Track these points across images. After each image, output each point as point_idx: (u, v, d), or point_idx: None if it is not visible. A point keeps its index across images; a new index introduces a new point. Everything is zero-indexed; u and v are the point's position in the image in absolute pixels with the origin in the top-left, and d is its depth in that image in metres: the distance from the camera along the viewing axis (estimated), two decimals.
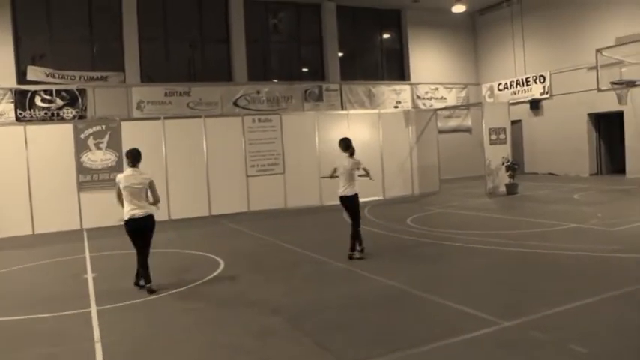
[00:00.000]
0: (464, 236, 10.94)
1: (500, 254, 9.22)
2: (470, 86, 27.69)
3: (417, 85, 26.13)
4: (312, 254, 9.97)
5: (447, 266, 8.71)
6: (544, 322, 5.71)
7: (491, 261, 8.83)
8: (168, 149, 16.16)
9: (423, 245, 10.44)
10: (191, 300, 7.51)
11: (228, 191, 16.76)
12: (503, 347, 5.17)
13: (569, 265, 8.18)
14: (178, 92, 21.08)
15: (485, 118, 18.46)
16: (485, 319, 5.90)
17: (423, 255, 9.63)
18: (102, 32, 20.79)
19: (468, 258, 9.15)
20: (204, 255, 10.67)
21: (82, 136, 15.47)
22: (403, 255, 9.71)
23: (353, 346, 5.44)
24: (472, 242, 10.29)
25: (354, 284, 7.86)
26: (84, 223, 15.16)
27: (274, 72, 23.88)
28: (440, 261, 9.12)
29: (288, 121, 17.92)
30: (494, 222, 12.90)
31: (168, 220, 15.75)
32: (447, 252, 9.76)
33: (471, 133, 26.86)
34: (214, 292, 7.88)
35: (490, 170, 18.19)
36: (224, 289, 8.04)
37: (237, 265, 9.61)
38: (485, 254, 9.32)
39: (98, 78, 20.14)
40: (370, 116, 19.42)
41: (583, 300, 6.33)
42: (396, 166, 19.20)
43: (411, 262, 9.10)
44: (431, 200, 17.95)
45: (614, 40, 19.66)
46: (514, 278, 7.66)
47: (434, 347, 5.27)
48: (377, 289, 7.49)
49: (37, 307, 7.47)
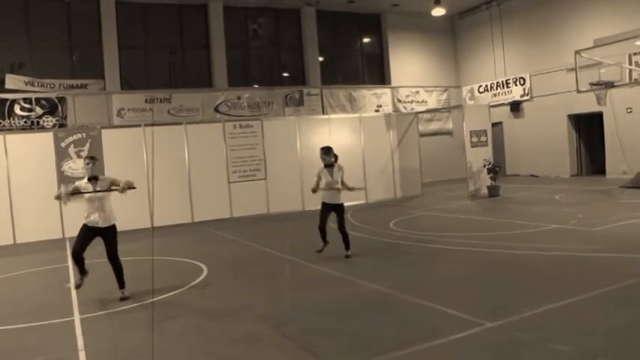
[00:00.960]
0: (446, 238, 11.01)
1: (482, 256, 9.30)
2: (450, 89, 27.91)
3: (397, 88, 26.28)
4: (295, 259, 9.97)
5: (430, 269, 8.76)
6: (527, 323, 5.77)
7: (474, 263, 8.90)
8: (149, 156, 16.07)
9: (406, 248, 10.49)
10: (175, 307, 7.47)
11: (211, 197, 16.72)
12: (487, 348, 5.22)
13: (551, 266, 8.27)
14: (159, 99, 21.01)
15: (466, 120, 18.61)
16: (468, 320, 5.95)
17: (405, 258, 9.68)
18: (81, 40, 20.68)
19: (451, 260, 9.21)
20: (188, 262, 10.63)
21: (63, 144, 15.36)
22: (386, 258, 9.75)
23: (338, 351, 5.46)
24: (454, 244, 10.36)
25: (338, 288, 7.88)
26: (66, 231, 15.01)
27: (255, 77, 23.90)
28: (422, 263, 9.16)
29: (269, 126, 17.92)
30: (476, 224, 12.99)
31: (150, 228, 15.67)
32: (430, 254, 9.80)
33: (452, 136, 27.06)
34: (198, 299, 7.85)
35: (472, 173, 18.33)
36: (208, 296, 8.02)
37: (220, 272, 9.58)
38: (468, 256, 9.39)
39: (78, 86, 20.03)
40: (351, 120, 19.49)
41: (565, 300, 6.41)
42: (378, 169, 19.28)
43: (393, 266, 9.14)
44: (413, 203, 18.03)
45: (592, 42, 19.93)
46: (497, 280, 7.74)
47: (418, 350, 5.30)
48: (360, 293, 7.51)
49: (20, 317, 7.39)
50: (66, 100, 19.49)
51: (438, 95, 27.49)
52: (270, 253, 11.08)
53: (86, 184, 7.96)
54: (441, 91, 27.65)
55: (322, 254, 10.04)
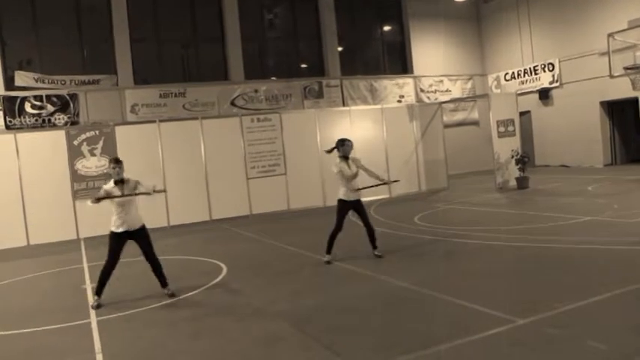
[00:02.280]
0: (474, 233, 10.97)
1: (512, 250, 9.25)
2: (475, 77, 27.72)
3: (420, 78, 26.16)
4: (317, 256, 10.00)
5: (458, 264, 8.74)
6: (560, 319, 5.73)
7: (504, 257, 8.86)
8: (164, 153, 16.21)
9: (432, 243, 10.47)
10: (194, 308, 7.55)
11: (229, 194, 16.80)
12: (519, 346, 5.20)
13: (585, 260, 8.20)
14: (173, 94, 21.15)
15: (492, 110, 18.48)
16: (498, 317, 5.93)
17: (432, 253, 9.66)
18: (91, 34, 20.87)
19: (479, 255, 9.17)
20: (206, 261, 10.72)
21: (75, 142, 15.54)
22: (412, 254, 9.74)
23: (363, 349, 5.48)
24: (483, 239, 10.31)
25: (362, 286, 7.90)
26: (80, 232, 15.21)
27: (272, 69, 23.94)
28: (450, 259, 9.15)
29: (288, 119, 17.96)
30: (505, 217, 12.93)
31: (167, 227, 15.82)
32: (457, 249, 9.78)
33: (478, 126, 26.88)
34: (218, 299, 7.92)
35: (499, 164, 18.22)
36: (228, 295, 8.09)
37: (240, 270, 9.64)
38: (497, 251, 9.35)
39: (90, 82, 20.22)
40: (373, 112, 19.46)
41: (600, 295, 6.35)
42: (401, 162, 19.24)
43: (420, 262, 9.13)
44: (439, 196, 17.99)
45: (626, 24, 19.62)
46: (527, 275, 7.69)
47: (447, 348, 5.30)
48: (386, 290, 7.52)
49: (36, 320, 7.51)
50: (78, 96, 19.70)
51: (462, 84, 27.32)
52: (291, 250, 11.12)
53: (113, 187, 8.02)
54: (466, 79, 27.47)
55: (345, 251, 10.02)
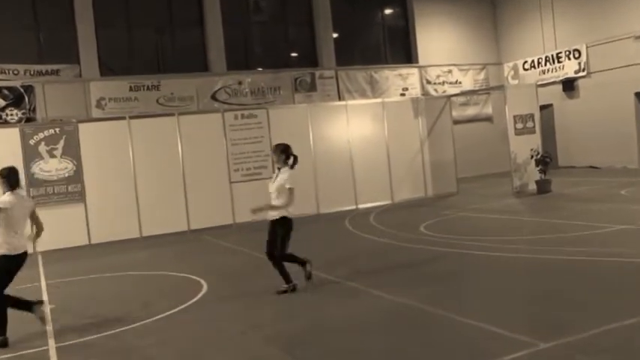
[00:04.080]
0: (488, 244, 10.93)
1: (532, 263, 9.21)
2: (489, 67, 27.72)
3: (426, 68, 26.15)
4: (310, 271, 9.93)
5: (470, 279, 8.70)
6: (589, 343, 5.67)
7: (522, 272, 8.82)
8: (136, 154, 16.11)
9: (440, 256, 10.43)
10: (169, 330, 7.47)
11: (210, 201, 16.69)
12: None
13: (617, 275, 8.16)
14: (146, 86, 21.06)
15: (508, 103, 18.45)
16: (518, 340, 5.87)
17: (439, 267, 9.61)
18: (49, 18, 20.68)
19: (495, 269, 9.14)
20: (184, 276, 10.64)
21: (32, 141, 15.39)
22: (417, 268, 9.69)
23: None
24: (498, 250, 10.27)
25: (360, 303, 7.85)
26: (37, 245, 15.04)
27: (258, 59, 23.91)
28: (461, 274, 9.10)
29: (276, 115, 17.89)
30: (523, 226, 12.91)
31: (140, 238, 15.72)
32: (469, 263, 9.75)
33: (492, 122, 26.89)
34: (196, 320, 7.84)
35: (517, 165, 18.19)
36: (208, 316, 8.01)
37: (222, 287, 9.58)
38: (515, 264, 9.32)
39: (48, 72, 20.06)
40: (372, 107, 19.42)
41: (635, 316, 6.29)
42: (404, 164, 19.17)
43: (426, 276, 9.08)
44: (447, 203, 17.96)
45: None
46: (551, 292, 7.63)
47: None
48: (388, 309, 7.47)
49: None
50: (33, 89, 19.52)
51: (474, 74, 27.33)
52: None
53: None
54: (478, 69, 27.48)
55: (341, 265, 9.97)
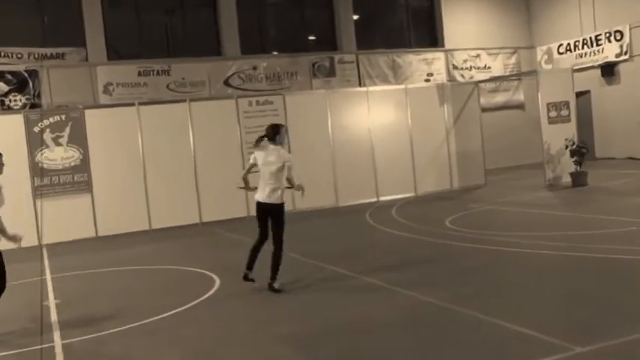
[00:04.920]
0: (518, 240, 10.87)
1: (566, 261, 9.16)
2: (521, 51, 27.53)
3: (452, 52, 26.04)
4: (327, 266, 9.96)
5: (498, 277, 8.66)
6: (629, 348, 5.62)
7: (555, 270, 8.77)
8: (145, 142, 16.18)
9: (466, 252, 10.41)
10: (180, 328, 7.50)
11: (223, 192, 16.67)
12: None
13: None
14: (155, 71, 21.13)
15: (541, 90, 18.33)
16: (551, 343, 5.83)
17: (465, 264, 9.59)
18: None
19: (525, 267, 9.10)
20: (195, 271, 10.70)
21: (36, 129, 15.51)
22: (441, 264, 9.68)
23: None
24: (528, 247, 10.23)
25: (382, 302, 7.85)
26: (43, 237, 15.18)
27: (274, 42, 23.93)
28: (489, 271, 9.06)
29: (293, 102, 17.92)
30: (556, 221, 12.84)
31: (149, 230, 15.81)
32: (497, 259, 9.72)
33: (523, 110, 26.75)
34: (208, 317, 7.88)
35: (550, 156, 18.08)
36: (220, 313, 8.05)
37: (236, 283, 9.57)
38: (547, 261, 9.27)
39: (53, 56, 20.17)
40: (395, 93, 19.38)
41: None
42: (429, 154, 19.15)
43: (450, 273, 9.07)
44: (475, 196, 17.93)
45: None
46: (586, 291, 7.60)
47: None
48: (411, 308, 7.46)
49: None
50: (38, 73, 19.64)
51: (504, 59, 27.16)
52: (296, 259, 11.06)
53: None
54: (509, 53, 27.30)
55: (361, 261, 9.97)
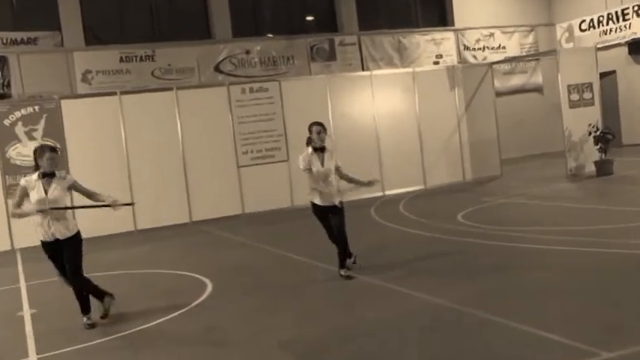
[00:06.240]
0: (537, 235, 10.88)
1: (590, 259, 9.16)
2: (539, 29, 27.46)
3: (463, 31, 25.98)
4: (329, 267, 9.95)
5: (515, 277, 8.66)
6: None
7: (578, 268, 8.76)
8: (128, 135, 16.18)
9: (481, 249, 10.42)
10: (168, 338, 7.51)
11: (215, 188, 16.74)
12: None
13: None
14: (139, 57, 21.09)
15: (562, 71, 18.28)
16: (575, 348, 5.84)
17: (481, 262, 9.60)
18: None
19: (544, 265, 9.09)
20: (185, 275, 10.71)
21: (7, 122, 15.51)
22: (454, 263, 9.70)
23: None
24: (549, 243, 10.23)
25: (389, 305, 7.86)
26: (15, 241, 15.17)
27: (268, 24, 23.88)
28: (505, 270, 9.05)
29: (290, 89, 17.91)
30: (579, 214, 12.83)
31: (134, 232, 15.82)
32: (515, 257, 9.72)
33: (542, 94, 26.74)
34: (201, 325, 7.88)
35: (571, 144, 18.05)
36: (214, 320, 8.05)
37: (229, 287, 9.63)
38: (569, 259, 9.26)
39: (24, 41, 20.08)
40: (401, 77, 19.37)
41: None
42: (439, 143, 19.17)
43: (465, 273, 9.08)
44: (489, 188, 17.95)
45: None
46: (612, 291, 7.60)
47: None
48: (422, 311, 7.48)
49: None
50: (7, 60, 19.55)
51: (521, 38, 27.10)
52: (296, 260, 11.09)
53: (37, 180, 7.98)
54: (526, 31, 27.24)
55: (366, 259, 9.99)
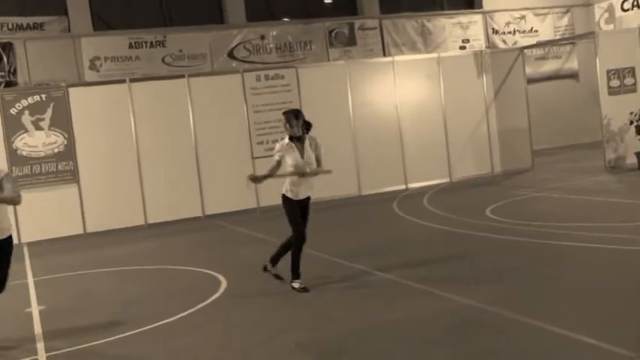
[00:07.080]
0: (571, 231, 10.84)
1: (628, 257, 9.11)
2: (575, 9, 27.27)
3: (492, 13, 25.88)
4: (349, 264, 9.97)
5: (547, 276, 8.61)
6: None
7: (614, 267, 8.72)
8: (138, 124, 16.24)
9: (511, 246, 10.39)
10: (182, 336, 7.54)
11: (228, 181, 16.72)
12: None
13: None
14: (149, 43, 21.16)
15: (600, 55, 18.14)
16: (610, 351, 5.81)
17: (511, 260, 9.55)
18: None
19: (579, 263, 9.08)
20: (198, 271, 10.76)
21: (13, 110, 15.59)
22: (482, 261, 9.67)
23: None
24: (583, 240, 10.17)
25: (413, 305, 7.85)
26: (22, 235, 15.25)
27: (284, 7, 23.89)
28: (535, 268, 9.03)
29: (307, 76, 17.91)
30: (619, 209, 12.76)
31: (144, 226, 15.89)
32: (546, 255, 9.70)
33: (578, 81, 26.59)
34: (214, 324, 7.91)
35: (610, 133, 17.94)
36: (228, 319, 8.08)
37: (245, 284, 9.66)
38: (605, 257, 9.22)
39: (30, 26, 20.21)
40: (425, 63, 19.35)
41: None
42: (465, 133, 19.12)
43: (493, 272, 9.04)
44: (520, 181, 17.88)
45: None
46: None
47: None
48: (447, 311, 7.46)
49: None
50: (13, 47, 19.71)
51: (555, 20, 26.94)
52: (313, 255, 11.06)
53: None
54: (561, 13, 27.07)
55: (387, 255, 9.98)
